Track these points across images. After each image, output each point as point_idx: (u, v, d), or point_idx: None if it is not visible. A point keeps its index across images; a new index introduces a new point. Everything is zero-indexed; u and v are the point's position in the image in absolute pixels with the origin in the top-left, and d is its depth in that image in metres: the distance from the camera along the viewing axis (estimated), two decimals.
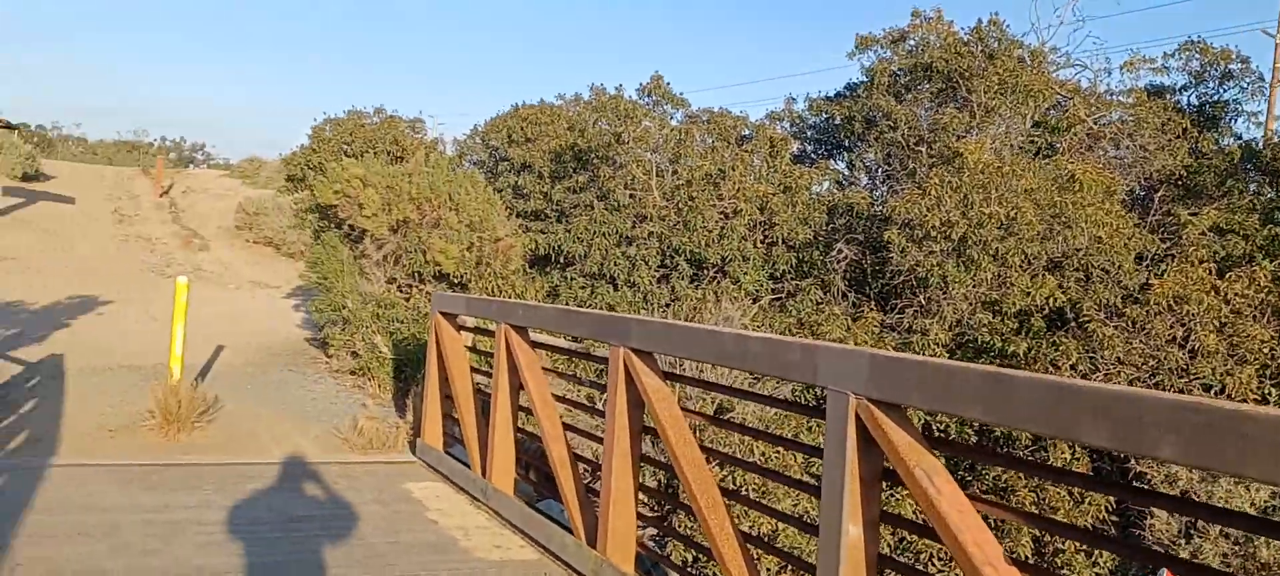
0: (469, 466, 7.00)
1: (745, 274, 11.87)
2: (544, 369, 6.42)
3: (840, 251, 11.97)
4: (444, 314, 7.63)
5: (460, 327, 7.65)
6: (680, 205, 12.58)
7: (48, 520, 5.50)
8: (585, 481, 6.14)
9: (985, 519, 3.42)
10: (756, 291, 11.91)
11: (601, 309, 11.24)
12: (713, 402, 8.98)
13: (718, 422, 5.22)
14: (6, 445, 7.39)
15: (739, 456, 8.46)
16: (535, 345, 6.45)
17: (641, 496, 5.33)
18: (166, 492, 6.30)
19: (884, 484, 3.74)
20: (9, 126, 22.36)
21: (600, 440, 5.43)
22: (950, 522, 3.21)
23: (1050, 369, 9.63)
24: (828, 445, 3.66)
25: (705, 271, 12.13)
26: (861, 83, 15.85)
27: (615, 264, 11.58)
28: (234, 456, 7.78)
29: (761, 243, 12.69)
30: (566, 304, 11.26)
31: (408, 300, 10.91)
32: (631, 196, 12.86)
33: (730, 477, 8.58)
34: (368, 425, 9.20)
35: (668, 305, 11.47)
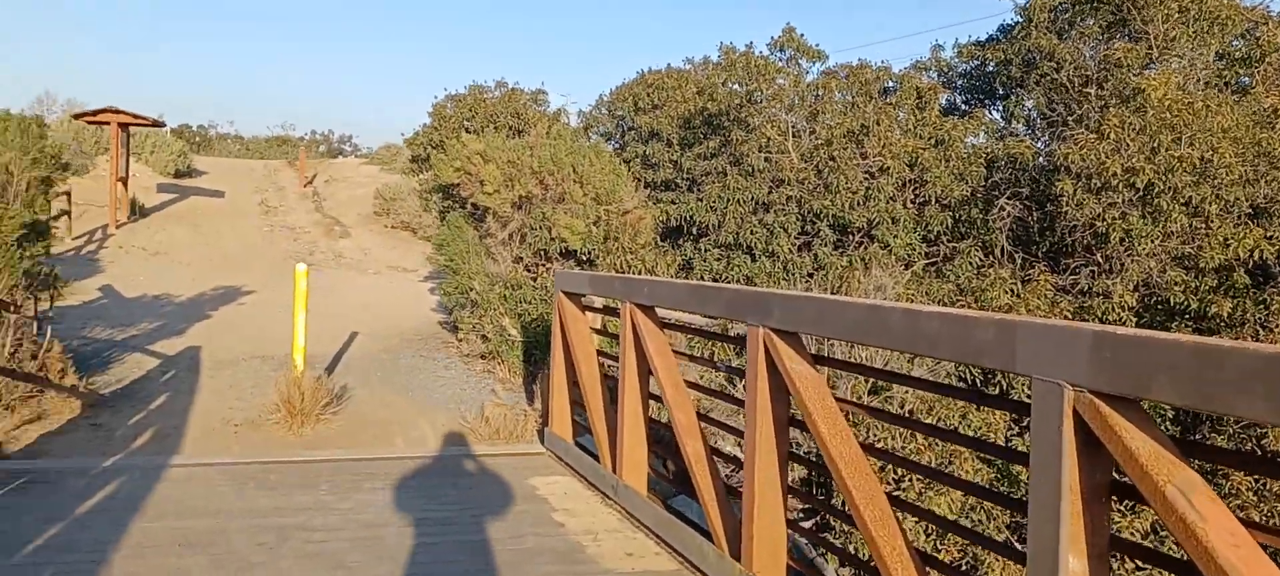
0: (598, 460, 6.38)
1: (895, 237, 10.81)
2: (676, 352, 5.73)
3: (1002, 208, 10.78)
4: (567, 293, 7.04)
5: (586, 308, 7.03)
6: (820, 166, 11.63)
7: (153, 528, 5.17)
8: (726, 476, 5.43)
9: (1271, 553, 2.52)
10: (908, 256, 10.86)
11: (738, 281, 10.49)
12: (865, 385, 8.07)
13: (885, 418, 4.35)
14: (133, 443, 7.22)
15: (897, 450, 7.54)
16: (665, 325, 5.75)
17: (791, 498, 4.57)
18: (281, 493, 5.93)
19: (1114, 498, 2.87)
20: (159, 125, 23.15)
21: (740, 433, 4.69)
22: (1220, 558, 2.34)
23: (1262, 333, 8.33)
24: (1035, 450, 2.83)
25: (850, 237, 11.16)
26: (1017, 23, 14.45)
27: (752, 232, 10.74)
28: (356, 450, 7.42)
29: (912, 202, 11.61)
30: (700, 277, 10.55)
31: (535, 280, 10.41)
32: (767, 160, 12.03)
33: (897, 478, 7.58)
34: (495, 413, 8.74)
35: (810, 275, 10.61)
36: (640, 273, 9.52)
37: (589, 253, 9.97)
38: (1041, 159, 11.46)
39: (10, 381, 7.87)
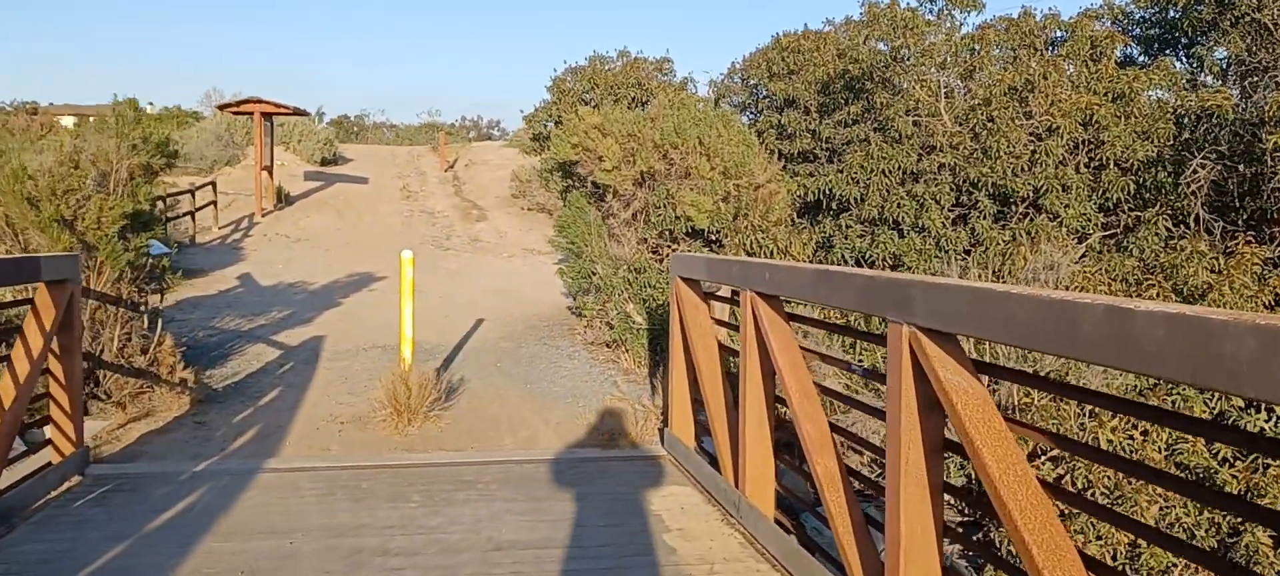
0: (719, 469, 5.57)
1: (1067, 207, 9.37)
2: (807, 351, 4.84)
3: (1196, 170, 9.24)
4: (684, 279, 6.24)
5: (707, 295, 6.22)
6: (977, 129, 10.33)
7: (220, 550, 4.68)
8: (863, 496, 4.55)
9: None
10: (1082, 228, 9.45)
11: (884, 261, 9.40)
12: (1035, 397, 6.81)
13: (1087, 453, 3.24)
14: (231, 445, 6.86)
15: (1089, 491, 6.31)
16: (791, 318, 4.87)
17: (946, 540, 3.64)
18: (366, 506, 5.38)
19: None
20: (302, 113, 23.57)
21: (882, 452, 3.77)
22: None
23: None
24: None
25: (1013, 207, 9.82)
26: None
27: (899, 205, 9.60)
28: (460, 452, 6.85)
29: (1085, 166, 10.15)
30: (840, 258, 9.52)
31: (660, 261, 9.65)
32: (916, 124, 10.80)
33: (1098, 537, 5.97)
34: (614, 408, 8.05)
35: (967, 252, 9.40)
36: (773, 254, 8.62)
37: (717, 232, 9.13)
38: (1243, 112, 9.84)
39: (120, 378, 7.68)
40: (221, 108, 23.61)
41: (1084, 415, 6.28)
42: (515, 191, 25.36)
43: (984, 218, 9.49)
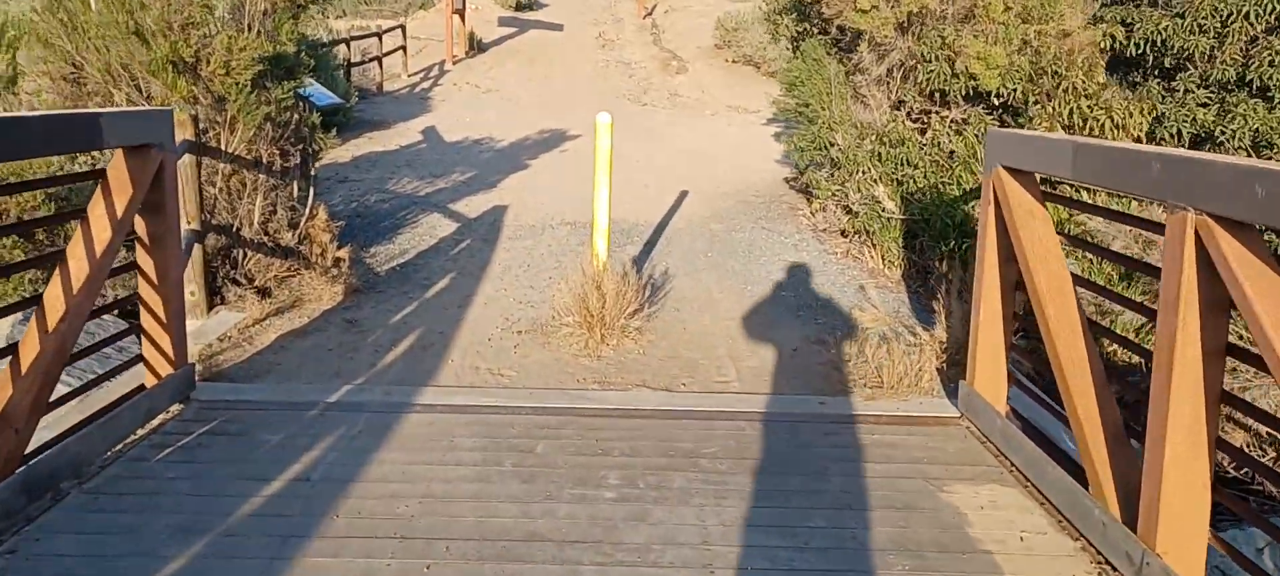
0: (1076, 474, 3.55)
1: None
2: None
3: None
4: (1012, 170, 4.11)
5: (1045, 197, 4.08)
6: None
7: (318, 565, 3.13)
8: None
9: None
10: None
11: (1241, 143, 6.72)
12: None
13: None
14: (380, 361, 5.38)
15: None
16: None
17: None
18: (544, 491, 3.72)
19: None
20: None
21: None
22: None
23: None
24: None
25: None
26: None
27: (1272, 62, 6.81)
28: (671, 394, 5.09)
29: None
30: (1173, 135, 6.93)
31: (924, 133, 7.44)
32: None
33: None
34: (869, 326, 6.09)
35: None
36: (1103, 132, 6.22)
37: (1009, 96, 6.81)
38: None
39: (263, 259, 6.34)
40: None
41: None
42: (719, 40, 23.06)
43: None
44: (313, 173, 6.68)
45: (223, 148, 5.90)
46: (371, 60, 17.80)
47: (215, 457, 3.91)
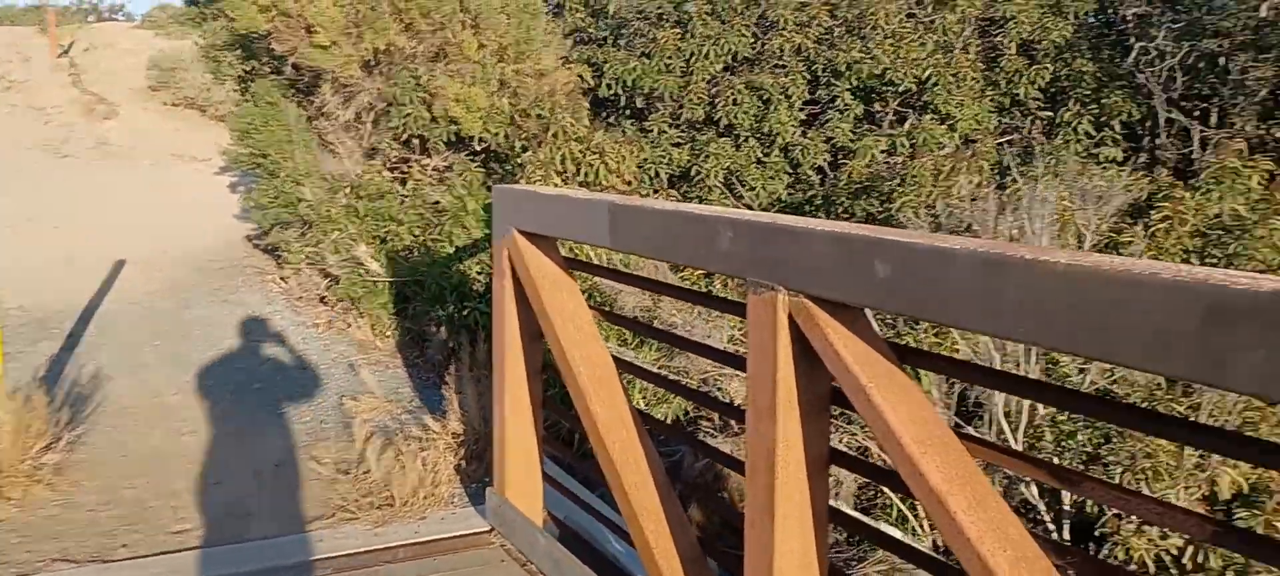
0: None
1: (959, 105, 6.95)
2: None
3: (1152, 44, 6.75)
4: (528, 234, 3.43)
5: (574, 265, 3.47)
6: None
7: None
8: None
9: None
10: (970, 134, 7.18)
11: (713, 179, 6.82)
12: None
13: None
14: None
15: None
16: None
17: None
18: None
19: None
20: None
21: None
22: None
23: None
24: None
25: (884, 103, 7.34)
26: None
27: (735, 100, 7.07)
28: (87, 556, 3.66)
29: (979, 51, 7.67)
30: (654, 173, 6.87)
31: (405, 184, 6.65)
32: None
33: None
34: (367, 419, 5.12)
35: (829, 164, 7.16)
36: (598, 180, 5.86)
37: (493, 141, 6.28)
38: None
39: None
40: None
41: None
42: (155, 81, 20.31)
43: (845, 120, 7.17)
44: None
45: None
46: None
47: None
